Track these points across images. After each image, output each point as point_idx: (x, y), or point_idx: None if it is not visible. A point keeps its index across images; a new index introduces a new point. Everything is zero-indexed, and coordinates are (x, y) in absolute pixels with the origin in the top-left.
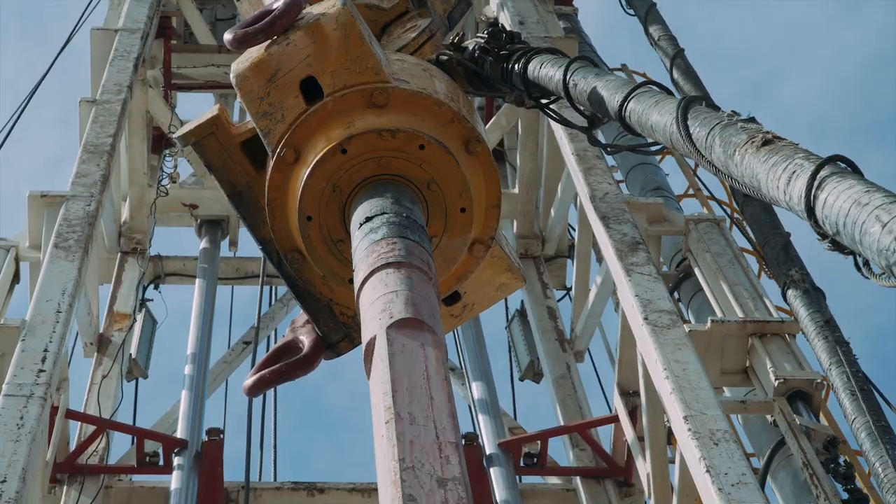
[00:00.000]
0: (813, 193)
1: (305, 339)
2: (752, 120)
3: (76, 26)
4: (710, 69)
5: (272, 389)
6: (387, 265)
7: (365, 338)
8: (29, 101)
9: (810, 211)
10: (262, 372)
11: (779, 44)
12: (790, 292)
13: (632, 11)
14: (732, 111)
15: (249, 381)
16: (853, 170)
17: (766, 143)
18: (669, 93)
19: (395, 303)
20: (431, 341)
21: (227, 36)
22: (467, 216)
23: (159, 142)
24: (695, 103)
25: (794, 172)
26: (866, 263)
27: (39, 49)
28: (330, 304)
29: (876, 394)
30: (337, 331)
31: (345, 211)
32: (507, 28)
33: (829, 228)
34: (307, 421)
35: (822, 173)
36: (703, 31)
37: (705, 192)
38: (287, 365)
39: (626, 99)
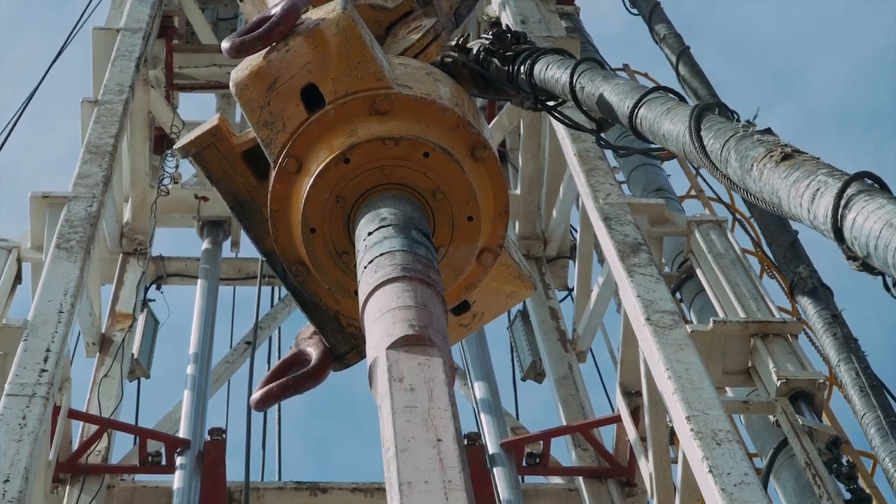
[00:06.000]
0: (840, 213)
1: (313, 351)
2: (768, 131)
3: (77, 26)
4: (734, 58)
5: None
6: (390, 280)
7: (369, 358)
8: (30, 100)
9: (838, 231)
10: (270, 386)
11: (803, 32)
12: (798, 290)
13: (636, 11)
14: (748, 121)
15: (256, 395)
16: (881, 187)
17: (785, 157)
18: (681, 98)
19: (399, 319)
20: (436, 357)
21: (225, 44)
22: (474, 224)
23: (161, 142)
24: (708, 112)
25: (818, 190)
26: None
27: (63, 37)
28: (336, 316)
29: (885, 391)
30: (345, 342)
31: (349, 222)
32: (511, 28)
33: (859, 250)
34: (331, 411)
35: (849, 191)
36: (727, 20)
37: (707, 193)
38: (294, 378)
39: (636, 105)
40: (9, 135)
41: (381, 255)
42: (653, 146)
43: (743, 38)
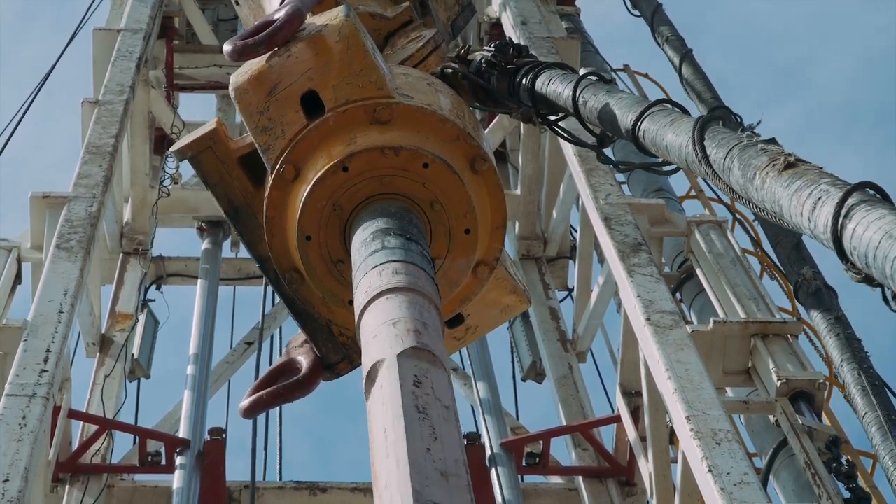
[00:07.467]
0: (840, 222)
1: (303, 360)
2: (772, 141)
3: (79, 26)
4: (738, 55)
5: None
6: (387, 290)
7: (365, 367)
8: (33, 100)
9: (837, 241)
10: (259, 393)
11: (807, 29)
12: (802, 291)
13: (637, 12)
14: (752, 131)
15: (245, 402)
16: (883, 197)
17: (788, 166)
18: (685, 111)
19: (396, 331)
20: (434, 369)
21: (227, 47)
22: (472, 237)
23: (161, 142)
24: (712, 123)
25: (819, 199)
26: (895, 296)
27: (68, 36)
28: (329, 325)
29: (887, 390)
30: (336, 351)
31: (345, 230)
32: (514, 39)
33: (858, 260)
34: (336, 411)
35: (850, 201)
36: (730, 17)
37: (707, 194)
38: (284, 387)
39: (639, 118)
40: (11, 136)
41: (379, 265)
42: (653, 161)
43: (747, 36)
